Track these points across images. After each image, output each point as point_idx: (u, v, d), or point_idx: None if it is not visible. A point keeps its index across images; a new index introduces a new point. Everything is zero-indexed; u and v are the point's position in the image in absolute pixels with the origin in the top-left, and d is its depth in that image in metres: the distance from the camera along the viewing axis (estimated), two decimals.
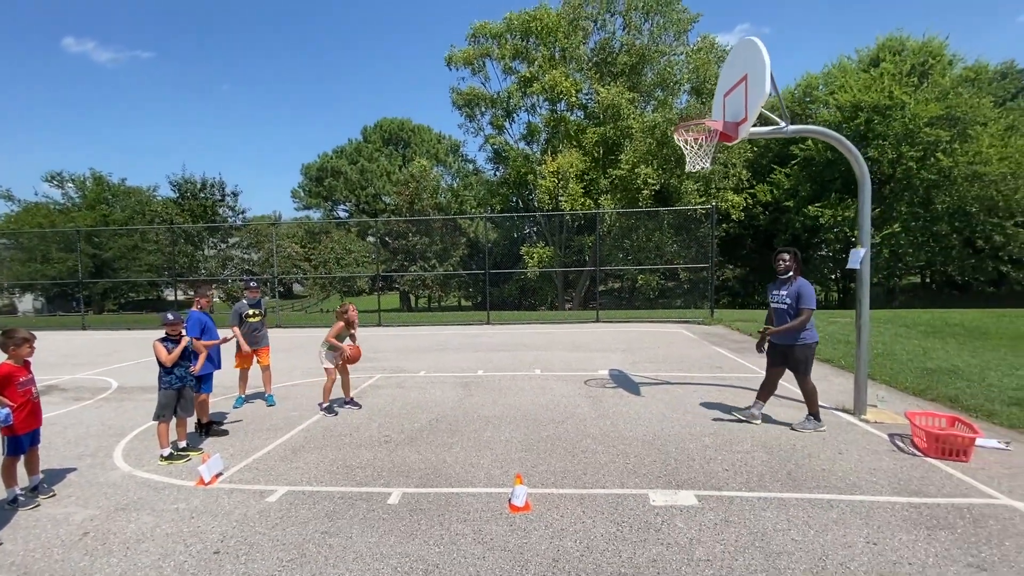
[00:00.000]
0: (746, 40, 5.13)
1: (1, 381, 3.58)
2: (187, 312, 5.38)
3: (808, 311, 4.90)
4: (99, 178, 37.34)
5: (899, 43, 24.41)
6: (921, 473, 4.02)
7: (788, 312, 5.04)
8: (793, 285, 5.03)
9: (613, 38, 24.80)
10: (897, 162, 22.19)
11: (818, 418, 5.13)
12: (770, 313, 5.40)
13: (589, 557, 2.95)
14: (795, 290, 4.99)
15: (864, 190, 5.30)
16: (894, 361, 8.08)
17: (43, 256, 30.05)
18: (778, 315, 5.18)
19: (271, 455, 4.73)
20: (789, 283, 5.06)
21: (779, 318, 5.16)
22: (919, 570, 2.76)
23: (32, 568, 2.99)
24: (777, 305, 5.16)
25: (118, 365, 9.79)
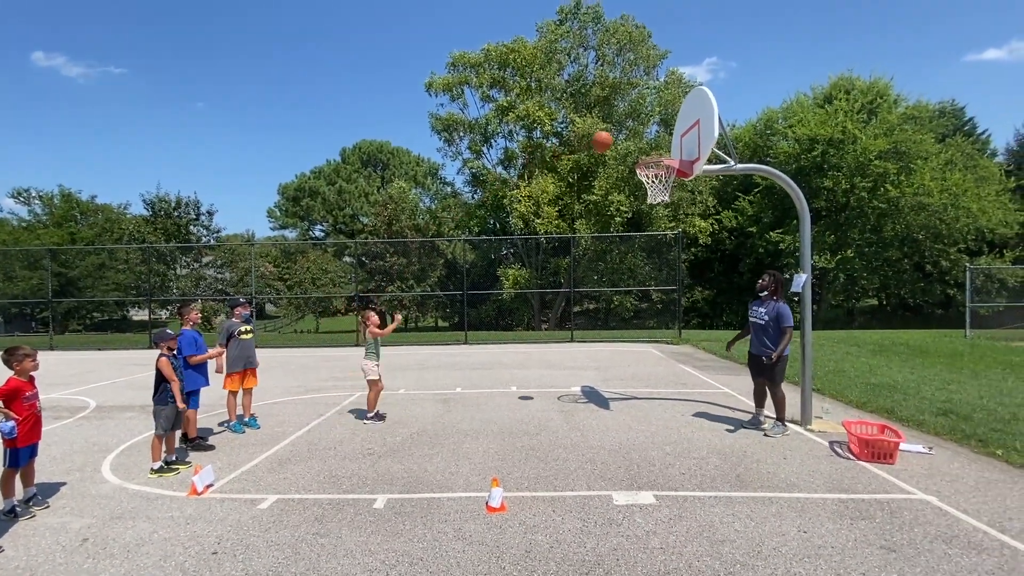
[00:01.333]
0: (698, 90, 5.77)
1: (8, 395, 3.78)
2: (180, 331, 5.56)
3: (790, 329, 5.54)
4: (68, 195, 36.59)
5: (849, 82, 26.28)
6: (852, 474, 4.53)
7: (766, 328, 5.66)
8: (772, 305, 5.67)
9: (586, 71, 25.98)
10: (851, 191, 23.68)
11: (784, 424, 5.79)
12: (747, 327, 6.07)
13: (558, 548, 3.32)
14: (774, 310, 5.62)
15: (804, 222, 5.95)
16: (842, 377, 8.73)
17: (5, 274, 29.15)
18: (756, 330, 5.82)
19: (259, 467, 4.96)
20: (768, 302, 5.71)
21: (756, 333, 5.81)
22: (839, 552, 3.22)
23: (37, 571, 3.19)
24: (755, 320, 5.81)
25: (93, 385, 9.74)
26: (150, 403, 4.95)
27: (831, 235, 24.47)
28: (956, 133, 28.81)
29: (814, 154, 23.97)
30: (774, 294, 5.72)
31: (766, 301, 5.74)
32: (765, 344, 5.67)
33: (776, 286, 5.73)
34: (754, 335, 5.87)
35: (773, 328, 5.61)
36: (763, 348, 5.67)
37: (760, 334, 5.75)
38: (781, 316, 5.55)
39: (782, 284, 5.79)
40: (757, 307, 5.83)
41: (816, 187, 23.69)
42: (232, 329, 6.24)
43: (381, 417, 6.61)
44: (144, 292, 26.92)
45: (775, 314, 5.59)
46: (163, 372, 4.79)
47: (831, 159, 23.77)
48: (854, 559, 3.13)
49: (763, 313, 5.70)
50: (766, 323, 5.66)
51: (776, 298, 5.70)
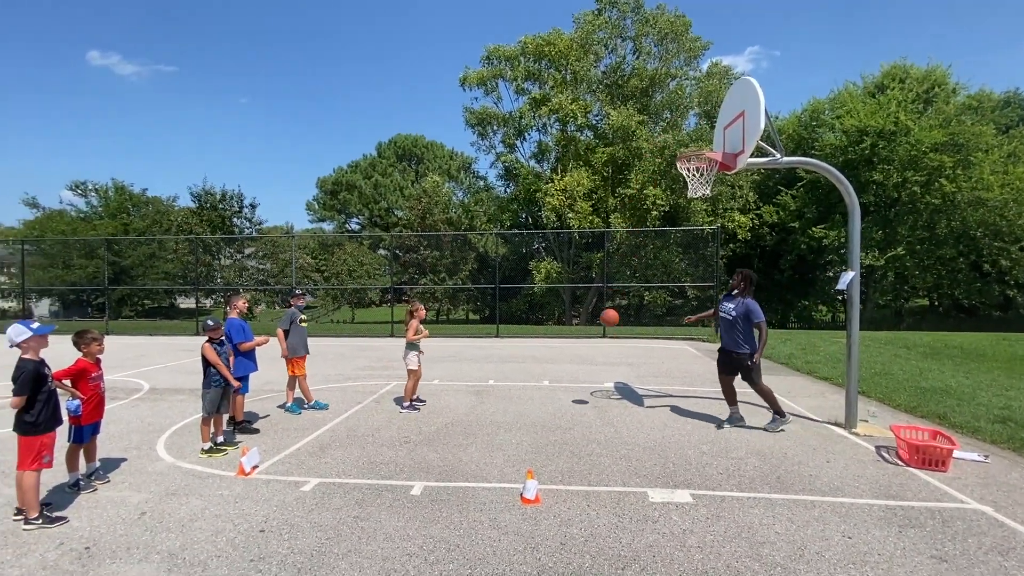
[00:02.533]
0: (744, 80, 5.60)
1: (76, 375, 4.04)
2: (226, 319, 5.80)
3: (762, 323, 5.59)
4: (121, 188, 38.49)
5: (903, 71, 24.92)
6: (901, 480, 4.35)
7: (734, 324, 5.72)
8: (741, 302, 5.71)
9: (624, 62, 25.53)
10: (902, 186, 22.52)
11: (782, 414, 5.79)
12: (715, 309, 6.15)
13: (593, 542, 3.33)
14: (743, 306, 5.66)
15: (853, 217, 5.71)
16: (890, 380, 8.38)
17: (64, 263, 30.97)
18: (724, 326, 5.88)
19: (301, 451, 5.14)
20: (737, 299, 5.76)
21: (725, 329, 5.87)
22: (887, 559, 3.11)
23: (100, 541, 3.40)
24: (724, 316, 5.85)
25: (146, 368, 10.28)
26: (199, 387, 5.19)
27: (879, 231, 23.37)
28: (1021, 124, 27.00)
29: (863, 146, 22.87)
30: (744, 291, 5.76)
31: (735, 298, 5.78)
32: (735, 341, 5.72)
33: (745, 284, 5.77)
34: (723, 331, 5.91)
35: (742, 324, 5.66)
36: (732, 344, 5.75)
37: (729, 330, 5.78)
38: (750, 312, 5.58)
39: (751, 281, 5.81)
40: (726, 302, 5.87)
41: (865, 181, 22.61)
42: (294, 317, 6.58)
43: (416, 407, 6.74)
44: (191, 281, 28.15)
45: (743, 310, 5.63)
46: (207, 357, 5.02)
47: (881, 152, 22.64)
48: (902, 568, 3.02)
49: (731, 309, 5.74)
50: (734, 319, 5.71)
51: (745, 295, 5.74)
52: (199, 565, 3.06)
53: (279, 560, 3.11)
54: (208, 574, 2.97)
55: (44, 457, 3.62)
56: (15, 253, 27.90)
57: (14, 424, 3.61)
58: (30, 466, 3.55)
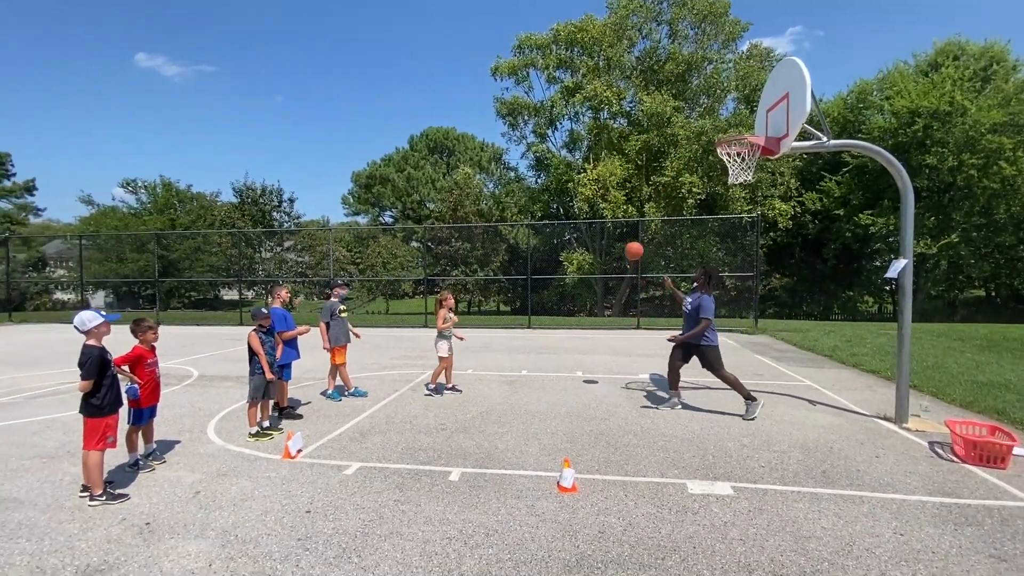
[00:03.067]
0: (788, 60, 5.37)
1: (133, 361, 4.27)
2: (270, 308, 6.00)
3: (706, 321, 5.82)
4: (168, 184, 40.25)
5: (959, 47, 23.43)
6: (957, 477, 4.15)
7: (690, 316, 6.05)
8: (697, 297, 5.98)
9: (659, 46, 24.90)
10: (957, 170, 21.26)
11: (752, 398, 5.91)
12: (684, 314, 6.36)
13: (631, 532, 3.31)
14: (696, 301, 5.94)
15: (907, 202, 5.43)
16: (944, 373, 7.98)
17: (117, 256, 32.67)
18: (684, 318, 6.21)
19: (342, 437, 5.30)
20: (695, 294, 6.03)
21: (685, 320, 6.20)
22: (941, 558, 2.98)
23: (159, 517, 3.60)
24: (685, 308, 6.19)
25: (194, 356, 10.76)
26: (246, 374, 5.39)
27: (932, 218, 22.18)
28: None
29: (915, 128, 21.67)
30: (702, 287, 6.00)
31: (694, 292, 6.06)
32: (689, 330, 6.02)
33: (706, 280, 6.01)
34: (684, 322, 6.23)
35: (693, 318, 5.95)
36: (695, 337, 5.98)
37: (686, 321, 6.13)
38: (701, 307, 5.87)
39: (712, 277, 6.05)
40: (689, 296, 6.21)
41: (917, 165, 21.43)
42: (334, 308, 6.79)
43: (440, 391, 7.03)
44: (234, 273, 29.24)
45: (696, 305, 5.91)
46: (252, 346, 5.21)
47: (935, 134, 21.40)
48: (959, 566, 2.89)
49: (688, 303, 6.10)
50: (689, 312, 6.05)
51: (703, 291, 5.96)
52: (251, 542, 3.20)
53: (325, 539, 3.22)
54: (259, 551, 3.10)
55: (108, 438, 3.84)
56: (73, 248, 29.61)
57: (80, 407, 3.85)
58: (95, 446, 3.78)
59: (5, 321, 19.86)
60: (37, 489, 4.05)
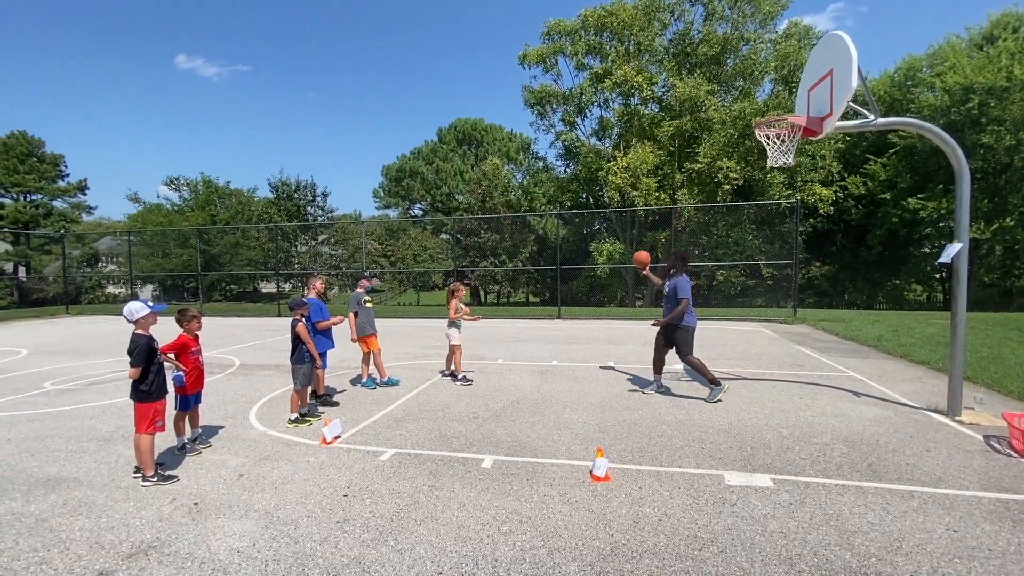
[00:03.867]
0: (832, 35, 5.11)
1: (179, 349, 4.45)
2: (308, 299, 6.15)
3: (684, 300, 5.96)
4: (208, 181, 41.70)
5: (1017, 18, 21.84)
6: (1015, 472, 3.93)
7: (668, 299, 6.22)
8: (672, 279, 6.14)
9: (692, 28, 24.15)
10: (1015, 150, 19.91)
11: (717, 383, 6.02)
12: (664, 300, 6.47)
13: (667, 522, 3.26)
14: (673, 283, 6.11)
15: (962, 183, 5.12)
16: (1000, 365, 7.54)
17: (163, 251, 34.14)
18: (666, 301, 6.32)
19: (377, 424, 5.40)
20: (671, 278, 6.18)
21: (664, 303, 6.35)
22: (998, 556, 2.83)
23: (206, 498, 3.75)
24: (665, 292, 6.31)
25: (236, 346, 11.16)
26: (285, 363, 5.57)
27: (986, 201, 20.90)
28: None
29: (969, 106, 20.36)
30: (673, 270, 6.19)
31: (672, 277, 6.17)
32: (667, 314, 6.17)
33: (676, 263, 6.22)
34: (665, 307, 6.35)
35: (672, 300, 6.09)
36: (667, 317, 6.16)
37: (667, 305, 6.26)
38: (677, 288, 6.03)
39: (682, 260, 6.25)
40: (667, 281, 6.29)
41: (971, 145, 20.16)
42: (359, 298, 6.96)
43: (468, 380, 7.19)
44: (271, 266, 30.14)
45: (673, 287, 6.08)
46: (301, 336, 5.34)
47: (991, 111, 20.06)
48: (1017, 565, 2.74)
49: (666, 286, 6.25)
50: (668, 295, 6.21)
51: (673, 273, 6.15)
52: (292, 523, 3.30)
53: (362, 522, 3.29)
54: (300, 532, 3.19)
55: (157, 422, 4.02)
56: (122, 244, 31.05)
57: (131, 393, 4.03)
58: (146, 430, 3.96)
59: (62, 313, 21.05)
60: (95, 470, 4.28)
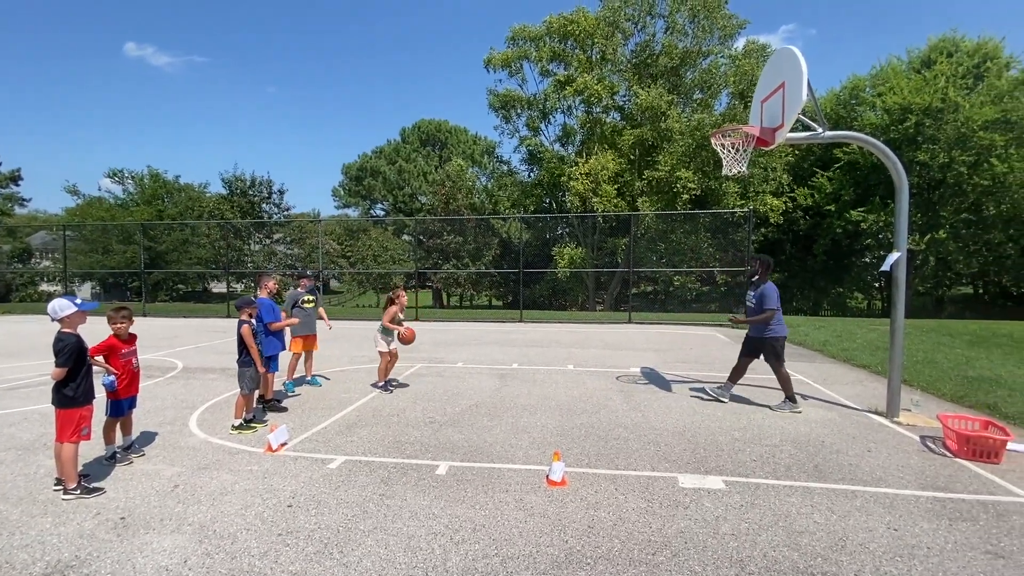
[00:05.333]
0: (784, 49, 5.29)
1: (107, 351, 4.12)
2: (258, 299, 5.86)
3: (770, 310, 5.72)
4: (156, 175, 39.57)
5: (952, 44, 23.50)
6: (949, 472, 4.12)
7: (754, 311, 5.93)
8: (759, 288, 5.87)
9: (653, 40, 24.75)
10: (948, 167, 21.37)
11: (794, 400, 5.84)
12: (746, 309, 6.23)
13: (622, 526, 3.24)
14: (759, 292, 5.84)
15: (902, 196, 5.38)
16: (934, 368, 8.00)
17: (104, 247, 32.11)
18: (749, 312, 6.11)
19: (328, 430, 5.18)
20: (756, 286, 5.94)
21: (749, 314, 6.08)
22: (936, 554, 2.94)
23: (135, 511, 3.47)
24: (748, 304, 6.10)
25: (180, 348, 10.57)
26: (231, 366, 5.27)
27: (920, 215, 22.31)
28: None
29: (907, 125, 21.71)
30: (761, 277, 5.91)
31: (756, 285, 5.95)
32: (759, 327, 5.88)
33: (762, 270, 5.93)
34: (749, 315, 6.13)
35: (757, 310, 5.85)
36: (756, 330, 5.91)
37: (751, 314, 6.00)
38: (764, 297, 5.78)
39: (768, 267, 5.96)
40: (750, 291, 6.09)
41: (908, 161, 21.49)
42: (296, 298, 6.77)
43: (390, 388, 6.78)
44: (222, 265, 28.86)
45: (760, 295, 5.82)
46: (244, 339, 5.07)
47: (927, 130, 21.46)
48: (954, 562, 2.84)
49: (751, 296, 5.99)
50: (752, 307, 5.95)
51: (762, 280, 5.89)
52: (229, 537, 3.09)
53: (306, 534, 3.12)
54: (238, 546, 2.99)
55: (83, 429, 3.71)
56: (58, 239, 29.06)
57: (53, 397, 3.70)
58: (69, 438, 3.64)
59: None
60: (11, 482, 3.91)
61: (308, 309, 6.88)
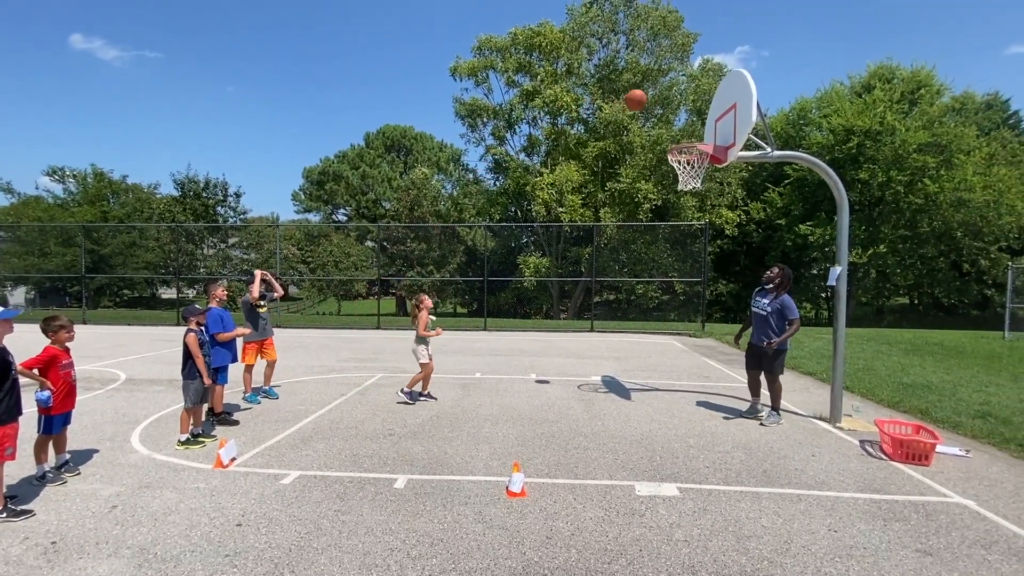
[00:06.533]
0: (736, 72, 5.55)
1: (46, 363, 3.87)
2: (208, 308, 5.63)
3: (797, 321, 5.64)
4: (100, 174, 37.49)
5: (890, 71, 25.20)
6: (885, 474, 4.37)
7: (767, 319, 5.73)
8: (777, 297, 5.71)
9: (617, 56, 25.44)
10: (886, 185, 22.81)
11: (779, 413, 5.84)
12: (748, 318, 6.08)
13: (579, 536, 3.27)
14: (779, 302, 5.69)
15: (842, 213, 5.71)
16: (873, 375, 8.46)
17: (40, 250, 30.13)
18: (758, 320, 5.87)
19: (281, 444, 5.02)
20: (774, 294, 5.75)
21: (758, 323, 5.86)
22: (872, 553, 3.11)
23: (67, 535, 3.26)
24: (757, 311, 5.87)
25: (123, 358, 10.02)
26: (178, 377, 5.03)
27: (863, 229, 23.69)
28: (1001, 126, 27.49)
29: (849, 145, 23.11)
30: (781, 287, 5.76)
31: (770, 293, 5.79)
32: (767, 334, 5.73)
33: (783, 280, 5.77)
34: (756, 325, 5.90)
35: (776, 319, 5.68)
36: (763, 338, 5.74)
37: (763, 325, 5.79)
38: (786, 307, 5.64)
39: (789, 279, 5.81)
40: (761, 298, 5.87)
41: (850, 179, 22.84)
42: (249, 304, 6.54)
43: (414, 398, 6.69)
44: (173, 271, 27.58)
45: (779, 306, 5.67)
46: (189, 348, 4.86)
47: (867, 151, 22.89)
48: (888, 561, 3.02)
49: (765, 304, 5.77)
50: (768, 314, 5.73)
51: (781, 291, 5.74)
52: (171, 560, 2.94)
53: (256, 555, 3.01)
54: (181, 569, 2.85)
55: (7, 449, 3.46)
56: None
57: None
58: None
59: None
60: None
61: (262, 314, 6.67)
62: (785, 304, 5.64)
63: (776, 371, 5.75)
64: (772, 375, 5.77)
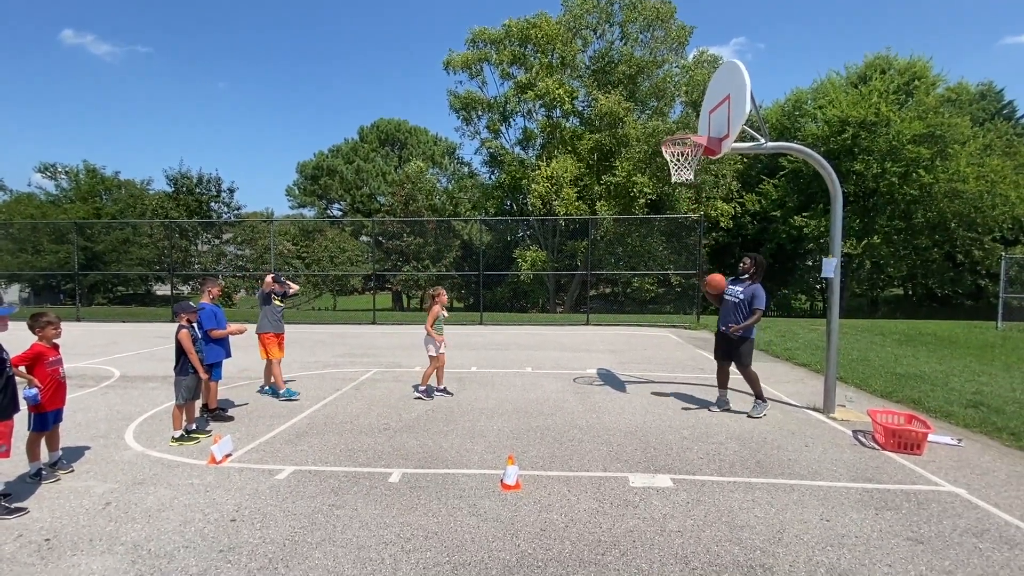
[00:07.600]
0: (730, 63, 5.52)
1: (32, 360, 3.84)
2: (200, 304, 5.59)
3: (759, 311, 5.63)
4: (92, 170, 37.16)
5: (886, 62, 25.14)
6: (877, 464, 4.41)
7: (739, 307, 5.75)
8: (749, 286, 5.74)
9: (612, 48, 25.30)
10: (881, 177, 22.84)
11: (763, 399, 5.86)
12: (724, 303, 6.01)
13: (573, 528, 3.29)
14: (751, 291, 5.70)
15: (836, 204, 5.71)
16: (867, 366, 8.51)
17: (34, 247, 29.90)
18: (728, 308, 5.86)
19: (276, 439, 5.01)
20: (748, 283, 5.78)
21: (727, 311, 5.85)
22: (864, 541, 3.13)
23: (61, 532, 3.25)
24: (730, 298, 5.86)
25: (118, 355, 9.97)
26: (172, 374, 5.00)
27: (857, 221, 23.74)
28: (995, 117, 27.54)
29: (844, 137, 23.09)
30: (755, 276, 5.78)
31: (744, 282, 5.81)
32: (736, 321, 5.74)
33: (756, 269, 5.79)
34: (724, 313, 5.91)
35: (746, 308, 5.71)
36: (731, 324, 5.74)
37: (732, 312, 5.80)
38: (756, 297, 5.66)
39: (762, 268, 5.83)
40: (734, 286, 5.89)
41: (845, 171, 22.84)
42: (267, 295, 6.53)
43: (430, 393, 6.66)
44: (167, 267, 27.42)
45: (750, 295, 5.69)
46: (182, 344, 4.83)
47: (862, 142, 22.88)
48: (880, 549, 3.04)
49: (739, 292, 5.79)
50: (739, 302, 5.76)
51: (754, 281, 5.77)
52: (165, 556, 2.94)
53: (250, 550, 3.01)
54: (174, 565, 2.85)
55: (1, 446, 3.44)
56: None
57: None
58: None
59: None
60: None
61: (279, 308, 6.62)
62: (756, 293, 5.69)
63: (745, 361, 5.79)
64: (742, 365, 5.81)
